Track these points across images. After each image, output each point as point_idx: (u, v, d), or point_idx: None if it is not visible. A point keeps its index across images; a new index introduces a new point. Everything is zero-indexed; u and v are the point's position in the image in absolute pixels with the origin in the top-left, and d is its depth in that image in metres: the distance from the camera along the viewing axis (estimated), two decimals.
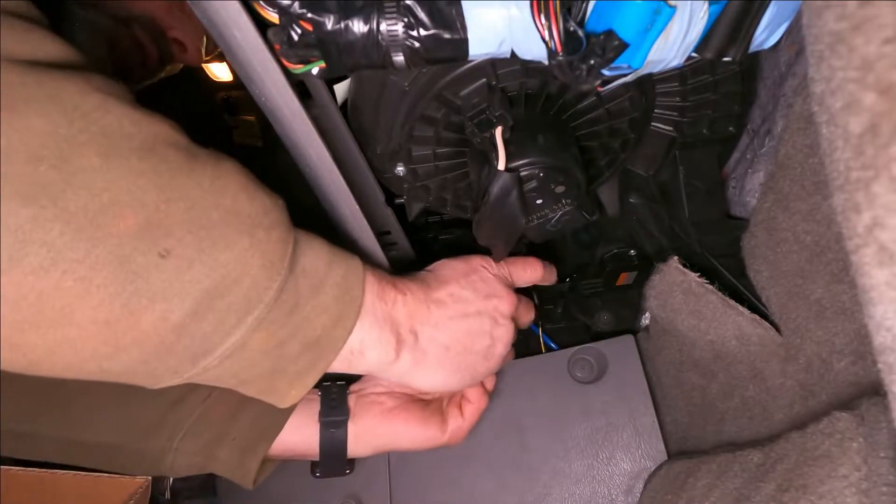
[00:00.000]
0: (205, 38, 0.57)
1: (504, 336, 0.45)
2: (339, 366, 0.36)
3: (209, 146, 0.30)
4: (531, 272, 0.50)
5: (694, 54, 0.31)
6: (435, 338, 0.40)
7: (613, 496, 0.58)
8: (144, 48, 0.53)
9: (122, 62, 0.51)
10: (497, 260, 0.49)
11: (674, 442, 0.62)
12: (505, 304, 0.45)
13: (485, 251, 0.49)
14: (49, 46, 0.25)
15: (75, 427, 0.42)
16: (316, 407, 0.47)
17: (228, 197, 0.29)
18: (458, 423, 0.49)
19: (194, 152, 0.29)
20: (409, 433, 0.47)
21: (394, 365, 0.39)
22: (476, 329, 0.43)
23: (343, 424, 0.46)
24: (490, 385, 0.53)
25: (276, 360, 0.32)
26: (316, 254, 0.33)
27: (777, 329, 0.46)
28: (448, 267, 0.45)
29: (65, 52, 0.26)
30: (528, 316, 0.50)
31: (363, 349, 0.37)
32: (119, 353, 0.27)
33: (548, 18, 0.27)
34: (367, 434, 0.46)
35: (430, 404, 0.50)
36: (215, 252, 0.27)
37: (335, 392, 0.47)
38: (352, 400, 0.47)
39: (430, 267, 0.45)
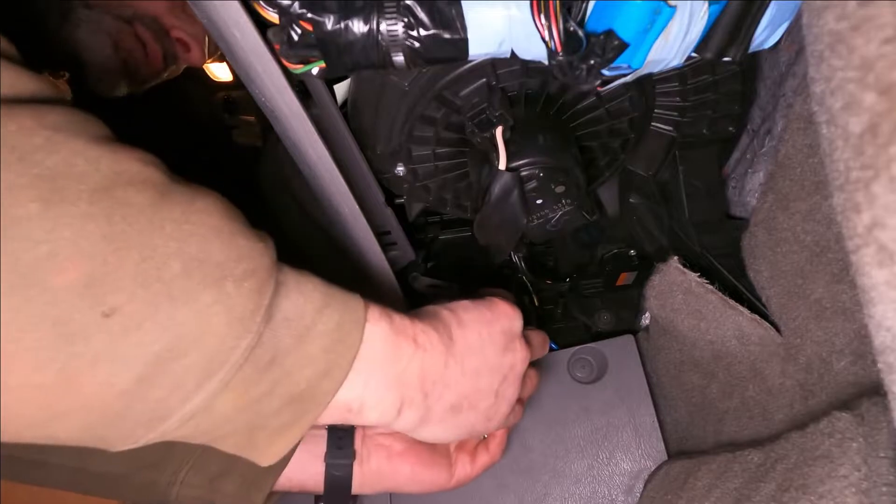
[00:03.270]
0: (207, 39, 0.57)
1: (510, 395, 0.41)
2: (332, 419, 0.33)
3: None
4: (542, 346, 0.47)
5: (694, 54, 0.31)
6: (444, 397, 0.37)
7: (613, 496, 0.58)
8: (147, 48, 0.53)
9: (125, 62, 0.51)
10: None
11: (674, 442, 0.62)
12: (520, 361, 0.41)
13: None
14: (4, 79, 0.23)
15: (83, 457, 0.42)
16: (322, 443, 0.45)
17: (195, 243, 0.25)
18: (466, 471, 0.47)
19: (166, 191, 0.25)
20: (416, 477, 0.45)
21: (394, 424, 0.36)
22: (486, 387, 0.39)
23: (348, 468, 0.45)
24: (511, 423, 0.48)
25: (252, 417, 0.29)
26: (304, 298, 0.30)
27: (777, 329, 0.46)
28: (472, 311, 0.40)
29: (17, 84, 0.24)
30: (532, 382, 0.46)
31: (362, 408, 0.33)
32: (59, 419, 0.24)
33: (548, 18, 0.27)
34: (372, 477, 0.45)
35: (437, 447, 0.48)
36: (171, 310, 0.24)
37: (341, 430, 0.46)
38: (358, 438, 0.46)
39: (451, 306, 0.40)
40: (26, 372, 0.22)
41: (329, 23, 0.28)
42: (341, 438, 0.45)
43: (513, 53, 0.31)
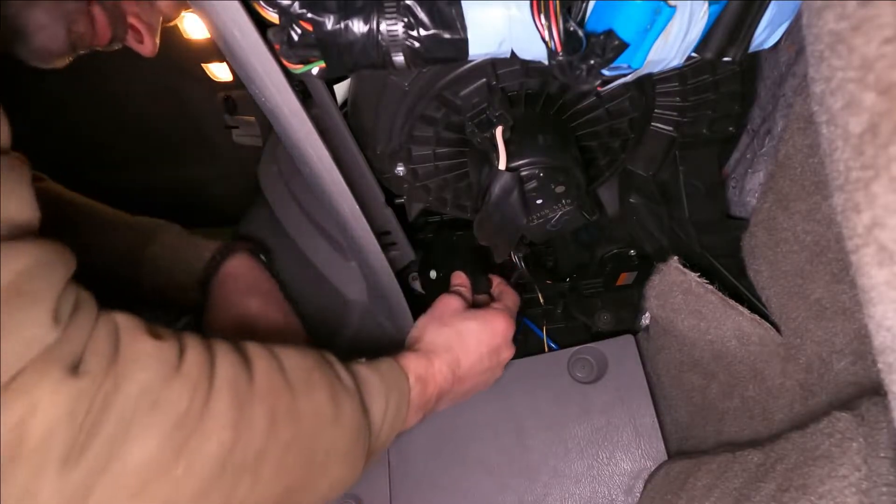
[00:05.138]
0: (159, 32, 0.56)
1: (502, 367, 0.55)
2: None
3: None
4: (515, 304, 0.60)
5: (694, 54, 0.31)
6: (458, 392, 0.51)
7: (613, 496, 0.58)
8: (97, 28, 0.51)
9: (73, 43, 0.50)
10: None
11: (674, 442, 0.62)
12: (507, 355, 0.54)
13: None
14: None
15: None
16: None
17: (333, 416, 0.40)
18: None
19: (326, 362, 0.40)
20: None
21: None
22: (487, 378, 0.53)
23: None
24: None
25: (374, 443, 0.44)
26: (376, 398, 0.43)
27: (777, 329, 0.46)
28: (474, 335, 0.51)
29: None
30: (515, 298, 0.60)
31: (405, 426, 0.47)
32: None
33: (548, 18, 0.27)
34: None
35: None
36: (343, 459, 0.41)
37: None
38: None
39: (462, 331, 0.51)
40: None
41: (329, 23, 0.29)
42: None
43: (513, 53, 0.31)
